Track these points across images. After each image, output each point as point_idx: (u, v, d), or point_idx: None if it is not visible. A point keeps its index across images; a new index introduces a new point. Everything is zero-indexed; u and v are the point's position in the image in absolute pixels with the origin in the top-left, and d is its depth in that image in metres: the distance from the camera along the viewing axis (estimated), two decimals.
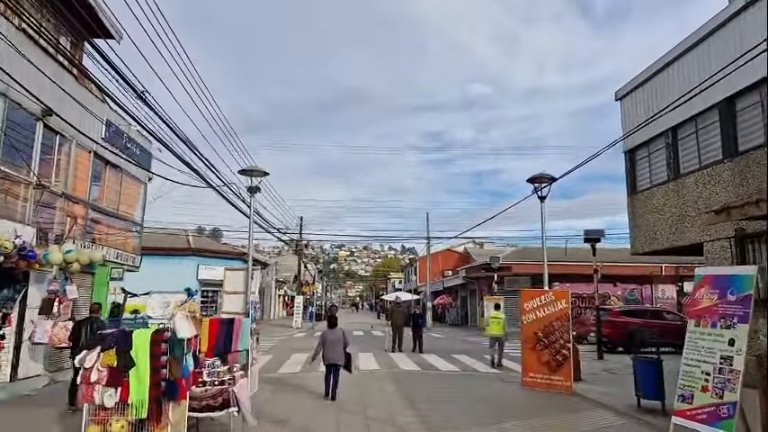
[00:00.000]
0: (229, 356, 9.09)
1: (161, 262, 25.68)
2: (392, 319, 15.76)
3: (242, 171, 10.27)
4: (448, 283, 36.44)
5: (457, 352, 16.50)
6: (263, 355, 15.35)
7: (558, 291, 10.69)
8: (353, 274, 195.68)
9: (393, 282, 71.22)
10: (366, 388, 9.87)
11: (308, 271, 56.97)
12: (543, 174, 10.80)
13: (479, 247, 52.20)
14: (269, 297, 42.39)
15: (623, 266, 27.25)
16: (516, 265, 27.06)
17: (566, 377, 9.80)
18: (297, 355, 15.02)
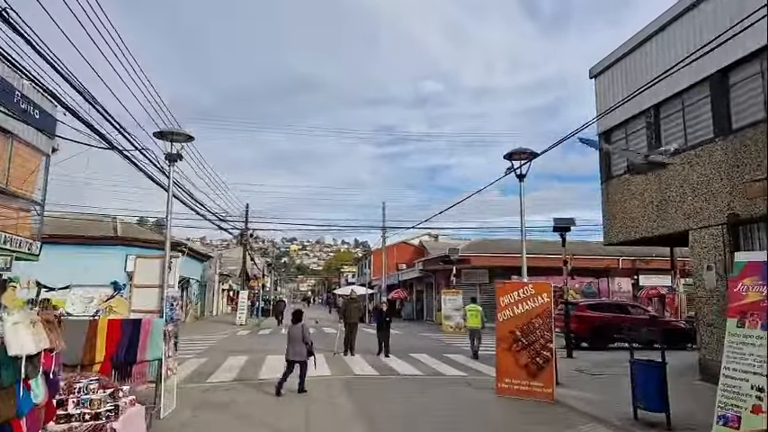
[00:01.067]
0: (134, 369, 7.06)
1: (83, 252, 22.73)
2: (345, 315, 13.45)
3: (159, 134, 8.19)
4: (403, 276, 35.13)
5: (416, 350, 15.00)
6: (196, 358, 13.27)
7: (539, 283, 9.30)
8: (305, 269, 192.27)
9: (346, 276, 69.42)
10: (315, 401, 8.10)
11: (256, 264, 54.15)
12: (522, 149, 9.35)
13: (435, 240, 51.28)
14: (212, 291, 39.55)
15: (579, 259, 26.73)
16: (475, 258, 25.97)
17: (546, 383, 8.44)
18: (234, 360, 13.00)
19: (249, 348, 15.74)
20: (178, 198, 16.52)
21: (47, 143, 11.78)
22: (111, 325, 7.09)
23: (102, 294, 23.63)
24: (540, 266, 26.49)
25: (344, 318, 13.43)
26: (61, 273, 23.02)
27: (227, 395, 8.67)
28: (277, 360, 12.87)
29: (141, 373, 7.02)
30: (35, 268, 22.74)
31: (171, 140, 8.42)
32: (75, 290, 22.65)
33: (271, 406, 7.83)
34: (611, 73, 12.92)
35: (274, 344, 17.04)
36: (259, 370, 11.26)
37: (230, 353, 14.53)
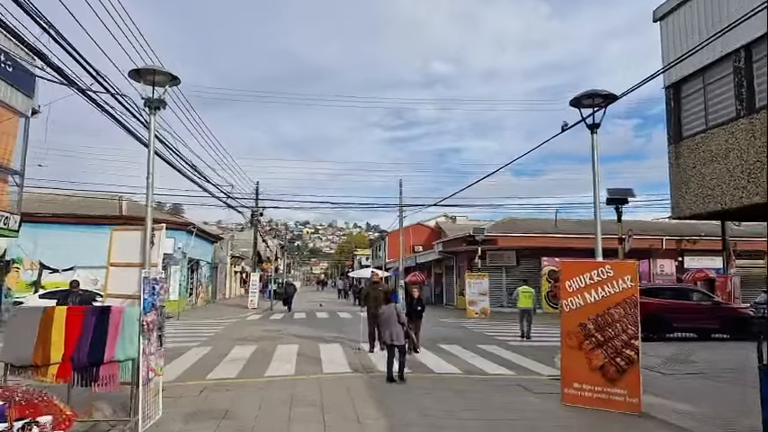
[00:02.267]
0: (101, 371, 5.41)
1: (87, 232, 21.32)
2: (367, 303, 10.94)
3: (135, 73, 6.41)
4: (421, 258, 33.38)
5: (445, 340, 13.28)
6: (198, 347, 11.72)
7: (620, 263, 7.42)
8: (318, 252, 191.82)
9: (359, 258, 67.96)
10: (332, 410, 6.38)
11: (269, 246, 52.87)
12: (595, 90, 7.38)
13: (452, 222, 49.37)
14: (224, 273, 38.30)
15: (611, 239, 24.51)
16: (502, 238, 24.04)
17: (631, 390, 6.61)
18: (241, 350, 11.40)
19: (259, 336, 14.17)
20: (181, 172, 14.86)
21: (24, 103, 10.10)
22: (70, 315, 5.42)
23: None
24: (580, 248, 24.53)
25: (367, 306, 11.04)
26: (65, 254, 21.72)
27: (228, 398, 7.02)
28: (289, 350, 11.27)
29: (110, 376, 5.36)
30: (39, 249, 21.49)
31: (152, 83, 6.63)
32: (80, 271, 21.36)
33: (278, 417, 6.14)
34: (684, 12, 10.77)
35: (286, 331, 15.47)
36: (267, 364, 9.63)
37: (238, 341, 12.95)
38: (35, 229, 20.21)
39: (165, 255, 24.17)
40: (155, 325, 6.00)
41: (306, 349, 11.43)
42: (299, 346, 11.94)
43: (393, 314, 8.21)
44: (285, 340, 13.13)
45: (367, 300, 10.79)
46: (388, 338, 8.13)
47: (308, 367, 9.27)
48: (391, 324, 8.13)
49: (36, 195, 22.17)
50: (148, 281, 5.91)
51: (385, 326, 8.20)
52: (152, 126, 6.65)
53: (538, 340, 14.16)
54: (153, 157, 6.61)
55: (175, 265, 22.63)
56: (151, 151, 6.62)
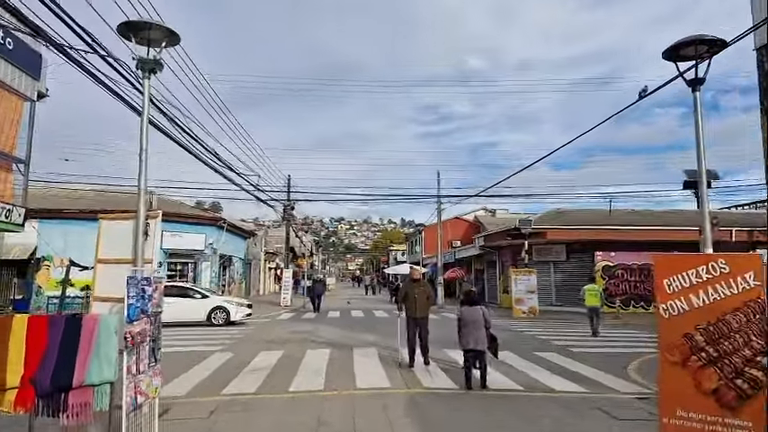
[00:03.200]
0: (70, 397, 4.25)
1: None
2: (406, 304, 8.92)
3: (124, 27, 5.26)
4: (460, 253, 31.73)
5: None
6: (220, 353, 10.67)
7: (739, 255, 5.73)
8: (353, 248, 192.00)
9: (395, 254, 66.72)
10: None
11: (303, 243, 52.33)
12: (698, 36, 5.71)
13: (491, 215, 47.38)
14: (258, 270, 37.78)
15: (675, 231, 22.22)
16: (552, 231, 22.15)
17: (757, 423, 4.97)
18: (265, 356, 10.26)
19: (287, 338, 13.05)
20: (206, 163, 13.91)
21: (30, 85, 9.23)
22: (33, 326, 4.27)
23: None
24: (635, 240, 22.44)
25: (405, 307, 8.97)
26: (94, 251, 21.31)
27: (241, 421, 5.81)
28: (318, 357, 10.04)
29: (82, 404, 4.19)
30: (69, 246, 21.22)
31: (147, 42, 5.45)
32: None
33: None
34: None
35: (317, 332, 14.30)
36: (293, 374, 8.40)
37: (264, 344, 11.86)
38: (64, 226, 19.86)
39: (195, 251, 23.67)
40: (145, 337, 4.82)
41: (338, 356, 10.19)
42: (331, 351, 10.71)
43: (480, 318, 7.47)
44: (315, 344, 11.95)
45: (405, 300, 9.03)
46: (470, 343, 7.38)
47: (339, 380, 8.00)
48: (476, 327, 7.40)
49: (65, 192, 21.91)
50: (136, 281, 4.73)
51: (468, 329, 7.43)
52: (146, 92, 5.46)
53: (601, 344, 12.48)
54: (147, 127, 5.43)
55: (206, 262, 21.93)
56: (144, 120, 5.43)
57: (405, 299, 8.73)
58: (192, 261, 22.67)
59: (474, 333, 7.41)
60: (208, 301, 16.75)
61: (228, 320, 16.46)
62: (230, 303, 17.05)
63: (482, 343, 7.42)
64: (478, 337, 7.40)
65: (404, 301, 8.71)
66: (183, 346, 11.72)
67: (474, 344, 7.38)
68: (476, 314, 7.53)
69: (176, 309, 16.25)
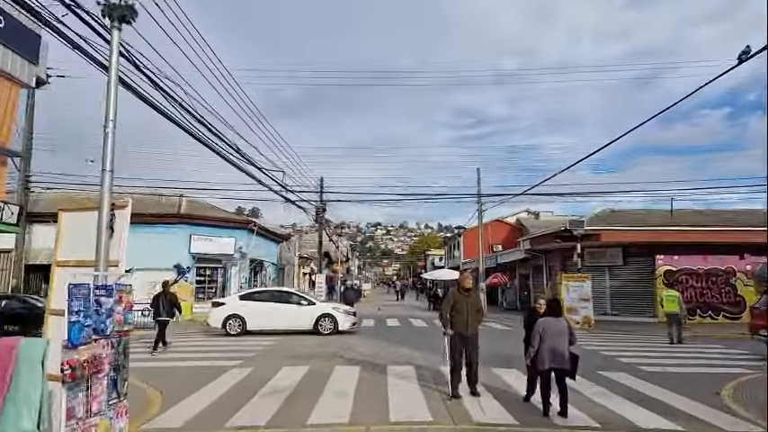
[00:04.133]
0: None
1: (144, 232, 20.15)
2: (454, 318, 7.09)
3: None
4: (503, 258, 29.78)
5: None
6: (238, 368, 9.48)
7: None
8: (390, 253, 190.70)
9: (432, 259, 64.91)
10: None
11: (339, 248, 51.38)
12: None
13: (535, 217, 45.06)
14: (291, 275, 36.93)
15: (751, 232, 19.69)
16: (607, 233, 20.07)
17: None
18: (287, 372, 8.96)
19: (315, 352, 11.74)
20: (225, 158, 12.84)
21: (27, 71, 8.31)
22: None
23: (167, 280, 21.10)
24: (700, 243, 20.07)
25: (452, 320, 7.10)
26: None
27: None
28: (347, 375, 8.64)
29: None
30: None
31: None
32: (137, 273, 20.30)
33: None
34: None
35: (349, 344, 12.92)
36: (316, 399, 7.04)
37: (288, 358, 10.57)
38: None
39: (225, 255, 22.86)
40: (101, 365, 3.54)
41: (369, 375, 8.77)
42: (362, 369, 9.30)
43: (564, 330, 6.36)
44: (345, 359, 10.58)
45: (454, 311, 7.12)
46: (548, 361, 6.25)
47: (369, 408, 6.58)
48: (560, 343, 6.28)
49: (90, 194, 21.52)
50: (85, 290, 3.46)
51: (549, 345, 6.29)
52: (115, 43, 4.26)
53: (676, 362, 10.62)
54: (116, 89, 4.21)
55: (235, 267, 21.03)
56: (113, 80, 4.21)
57: (452, 309, 7.17)
58: (220, 266, 21.83)
59: (557, 349, 6.25)
60: (314, 309, 15.48)
61: (336, 329, 15.17)
62: (338, 311, 15.70)
63: (563, 361, 6.26)
64: (562, 354, 6.23)
65: (452, 312, 7.15)
66: (199, 359, 10.60)
67: (556, 362, 6.23)
68: (560, 327, 6.37)
69: (281, 316, 15.25)
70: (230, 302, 15.74)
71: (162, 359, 10.65)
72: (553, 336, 6.32)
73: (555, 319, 6.51)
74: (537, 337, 6.38)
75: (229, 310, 15.29)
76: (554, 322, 6.44)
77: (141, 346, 11.87)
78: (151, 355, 11.10)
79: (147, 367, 9.53)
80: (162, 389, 7.67)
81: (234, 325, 15.12)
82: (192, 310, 20.31)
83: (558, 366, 6.30)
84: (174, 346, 12.86)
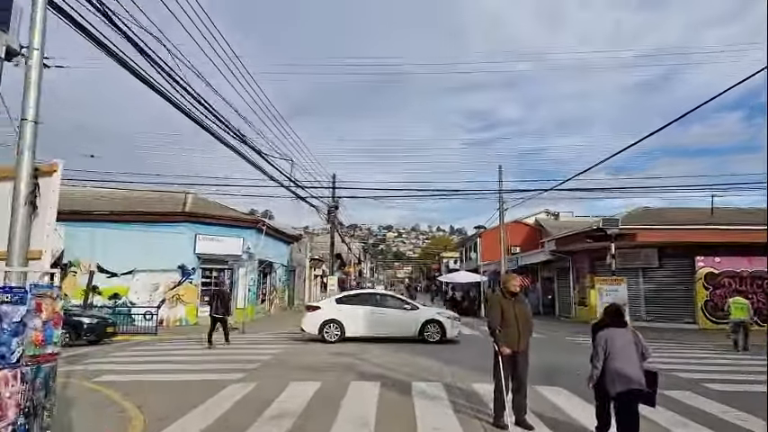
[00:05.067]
0: None
1: (147, 231, 19.07)
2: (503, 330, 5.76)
3: None
4: (524, 260, 28.26)
5: None
6: (240, 384, 8.23)
7: None
8: (402, 256, 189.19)
9: (447, 261, 63.35)
10: None
11: (351, 250, 50.17)
12: None
13: (554, 219, 43.40)
14: (302, 277, 35.73)
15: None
16: (643, 232, 18.53)
17: None
18: (296, 389, 7.65)
19: (327, 363, 10.43)
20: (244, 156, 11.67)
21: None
22: None
23: (169, 281, 19.88)
24: (745, 243, 18.43)
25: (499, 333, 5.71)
26: (124, 256, 19.70)
27: None
28: (365, 394, 7.30)
29: None
30: (97, 251, 19.72)
31: None
32: (140, 275, 19.18)
33: None
34: None
35: (365, 353, 11.57)
36: (329, 425, 5.71)
37: (296, 371, 9.26)
38: (92, 228, 18.31)
39: (232, 256, 21.71)
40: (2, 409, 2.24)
41: (391, 395, 7.43)
42: (381, 386, 7.96)
43: (632, 342, 5.01)
44: (360, 373, 9.24)
45: (504, 319, 5.73)
46: (621, 382, 4.84)
47: None
48: (630, 359, 4.91)
49: (92, 191, 20.49)
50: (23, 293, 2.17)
51: (617, 362, 4.91)
52: None
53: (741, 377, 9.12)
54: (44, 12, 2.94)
55: (243, 268, 19.84)
56: None
57: (503, 318, 5.76)
58: (227, 267, 20.66)
59: (628, 367, 4.89)
60: (419, 314, 14.13)
61: (444, 337, 13.80)
62: (443, 316, 14.28)
63: (636, 381, 4.87)
64: (634, 373, 4.84)
65: (502, 322, 5.74)
66: (195, 371, 9.34)
67: (631, 382, 4.81)
68: (627, 339, 5.05)
69: (383, 322, 13.85)
70: (326, 306, 14.25)
71: (150, 370, 9.41)
72: (620, 351, 4.98)
73: (621, 330, 5.15)
74: (600, 354, 5.03)
75: (326, 315, 13.87)
76: (621, 335, 5.09)
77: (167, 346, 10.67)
78: (208, 349, 12.37)
79: (129, 381, 8.29)
80: (145, 408, 6.43)
81: (332, 331, 13.72)
82: (197, 313, 19.16)
83: (636, 387, 4.95)
84: (170, 353, 11.64)
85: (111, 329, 14.37)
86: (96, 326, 13.76)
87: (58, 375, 8.51)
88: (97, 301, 17.95)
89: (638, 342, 5.08)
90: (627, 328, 5.16)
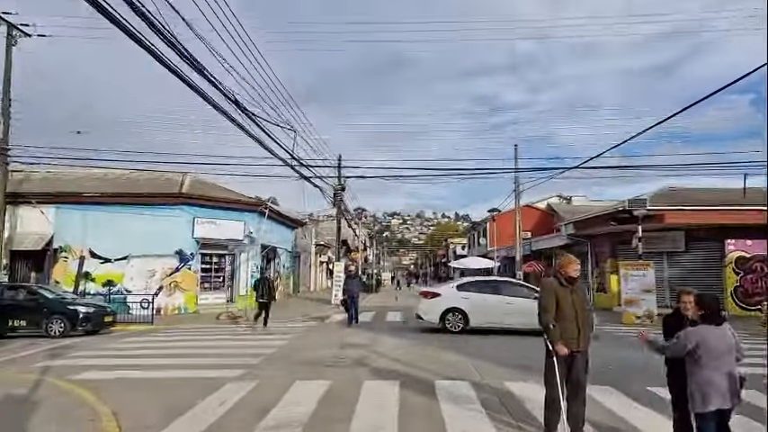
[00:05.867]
0: None
1: (142, 214, 18.01)
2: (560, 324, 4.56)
3: None
4: (538, 244, 27.09)
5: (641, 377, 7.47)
6: (236, 384, 7.20)
7: None
8: (406, 243, 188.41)
9: (454, 247, 62.28)
10: None
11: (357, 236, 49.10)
12: None
13: (567, 203, 42.15)
14: (308, 264, 34.77)
15: None
16: (672, 213, 17.32)
17: None
18: (301, 389, 6.58)
19: (337, 355, 9.38)
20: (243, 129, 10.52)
21: None
22: None
23: (166, 267, 18.81)
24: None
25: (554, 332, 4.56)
26: (118, 240, 18.66)
27: None
28: (382, 396, 6.18)
29: None
30: (89, 235, 18.69)
31: None
32: (135, 261, 18.14)
33: None
34: None
35: (377, 345, 10.49)
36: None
37: (301, 367, 8.20)
38: (83, 212, 17.26)
39: (233, 240, 20.66)
40: None
41: (412, 396, 6.35)
42: (400, 385, 6.87)
43: (731, 348, 3.83)
44: (374, 369, 8.17)
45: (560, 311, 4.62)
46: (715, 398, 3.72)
47: None
48: (729, 365, 3.80)
49: (84, 173, 19.43)
50: None
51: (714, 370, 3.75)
52: None
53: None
54: None
55: (244, 253, 18.80)
56: None
57: (559, 311, 4.60)
58: (228, 252, 19.62)
59: (726, 379, 3.76)
60: None
61: None
62: None
63: (739, 395, 3.82)
64: (733, 386, 3.75)
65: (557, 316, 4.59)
66: (190, 366, 8.30)
67: (730, 398, 3.74)
68: (728, 341, 3.85)
69: (511, 312, 12.36)
70: (447, 294, 13.06)
71: (139, 365, 8.39)
72: (718, 358, 3.79)
73: (716, 329, 3.90)
74: (692, 360, 3.84)
75: (448, 303, 12.69)
76: (717, 335, 3.86)
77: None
78: (264, 328, 13.35)
79: (111, 378, 7.25)
80: (122, 415, 5.39)
81: (454, 321, 12.58)
82: (196, 301, 18.17)
83: (729, 407, 3.82)
84: (165, 345, 10.63)
85: (110, 319, 13.42)
86: (93, 315, 12.81)
87: (30, 373, 7.55)
88: (90, 288, 16.98)
89: (736, 343, 3.95)
90: (724, 326, 3.98)
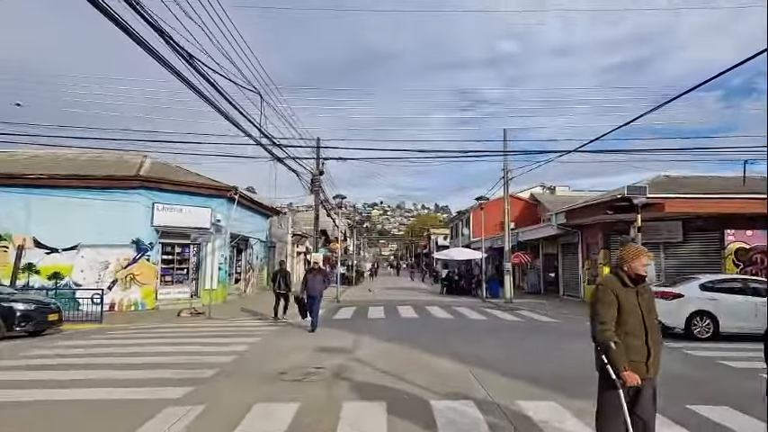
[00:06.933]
0: None
1: (95, 199, 16.11)
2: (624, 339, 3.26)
3: None
4: (526, 235, 25.96)
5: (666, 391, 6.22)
6: (177, 408, 5.58)
7: None
8: (386, 233, 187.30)
9: (436, 238, 61.16)
10: None
11: (337, 226, 47.46)
12: None
13: (550, 193, 41.32)
14: (284, 255, 33.01)
15: None
16: (672, 201, 16.26)
17: None
18: (261, 416, 5.06)
19: (309, 364, 7.87)
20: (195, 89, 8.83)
21: None
22: None
23: (121, 258, 16.98)
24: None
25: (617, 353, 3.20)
26: (66, 228, 16.58)
27: None
28: (366, 420, 4.78)
29: None
30: (33, 222, 16.61)
31: None
32: (86, 251, 16.20)
33: None
34: None
35: (359, 351, 8.95)
36: None
37: (263, 383, 6.67)
38: (26, 195, 15.29)
39: (198, 229, 18.89)
40: None
41: (404, 421, 4.91)
42: (389, 409, 5.41)
43: None
44: (358, 383, 6.69)
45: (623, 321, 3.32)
46: None
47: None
48: None
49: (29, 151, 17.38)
50: None
51: None
52: None
53: None
54: None
55: (211, 243, 17.07)
56: None
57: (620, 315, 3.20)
58: (193, 242, 17.87)
59: None
60: None
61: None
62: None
63: None
64: None
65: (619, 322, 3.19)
66: (122, 382, 6.66)
67: None
68: None
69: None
70: (690, 293, 11.12)
71: (56, 381, 6.75)
72: None
73: None
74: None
75: (694, 305, 10.93)
76: None
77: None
78: (282, 319, 13.65)
79: (6, 402, 5.61)
80: None
81: (701, 326, 10.83)
82: (156, 296, 16.42)
83: None
84: (105, 350, 8.96)
85: (55, 317, 11.58)
86: (34, 312, 11.01)
87: None
88: (34, 281, 15.08)
89: None
90: None
